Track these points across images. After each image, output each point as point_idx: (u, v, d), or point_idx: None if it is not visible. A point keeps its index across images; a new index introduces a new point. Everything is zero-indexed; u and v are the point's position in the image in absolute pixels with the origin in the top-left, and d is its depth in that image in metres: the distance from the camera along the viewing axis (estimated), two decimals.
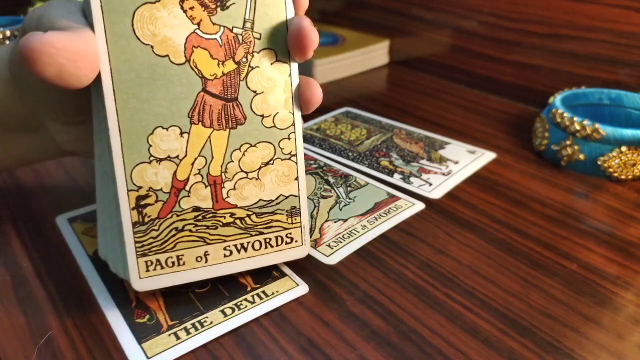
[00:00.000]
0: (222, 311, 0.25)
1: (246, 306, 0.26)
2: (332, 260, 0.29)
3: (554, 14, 0.48)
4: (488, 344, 0.24)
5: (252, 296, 0.26)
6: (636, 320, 0.25)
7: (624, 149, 0.36)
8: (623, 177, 0.37)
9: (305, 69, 0.58)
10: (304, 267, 0.29)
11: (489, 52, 0.53)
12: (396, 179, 0.38)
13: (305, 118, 0.48)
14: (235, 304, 0.26)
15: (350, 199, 0.35)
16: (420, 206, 0.34)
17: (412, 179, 0.38)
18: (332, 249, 0.30)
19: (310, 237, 0.31)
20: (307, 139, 0.44)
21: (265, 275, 0.28)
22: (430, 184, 0.37)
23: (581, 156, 0.37)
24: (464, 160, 0.40)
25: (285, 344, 0.24)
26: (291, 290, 0.27)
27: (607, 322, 0.25)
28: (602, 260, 0.29)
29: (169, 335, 0.24)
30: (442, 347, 0.23)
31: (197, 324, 0.25)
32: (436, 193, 0.36)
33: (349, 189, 0.36)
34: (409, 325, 0.25)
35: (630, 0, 0.43)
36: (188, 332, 0.24)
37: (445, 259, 0.29)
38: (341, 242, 0.31)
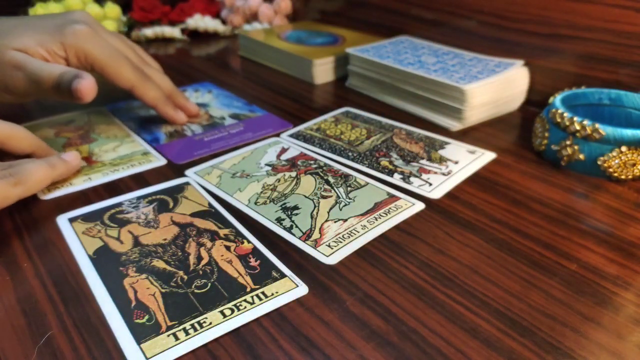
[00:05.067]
0: (222, 312, 0.25)
1: (245, 307, 0.26)
2: (332, 260, 0.29)
3: (554, 14, 0.48)
4: (488, 344, 0.24)
5: (252, 297, 0.26)
6: (636, 320, 0.25)
7: (624, 149, 0.36)
8: (623, 177, 0.37)
9: (306, 69, 0.58)
10: (304, 267, 0.29)
11: (489, 52, 0.53)
12: (396, 179, 0.38)
13: (306, 118, 0.48)
14: (235, 305, 0.26)
15: (350, 199, 0.35)
16: (420, 206, 0.34)
17: (412, 179, 0.38)
18: (332, 249, 0.30)
19: (310, 237, 0.31)
20: (307, 139, 0.44)
21: (265, 276, 0.28)
22: (430, 184, 0.37)
23: (581, 156, 0.37)
24: (464, 160, 0.40)
25: (285, 344, 0.24)
26: (291, 291, 0.27)
27: (607, 322, 0.25)
28: (602, 260, 0.29)
29: (168, 335, 0.24)
30: (442, 347, 0.23)
31: (196, 325, 0.25)
32: (436, 193, 0.36)
33: (349, 189, 0.36)
34: (409, 325, 0.25)
35: (630, 0, 0.43)
36: (187, 333, 0.24)
37: (445, 259, 0.29)
38: (341, 242, 0.31)
